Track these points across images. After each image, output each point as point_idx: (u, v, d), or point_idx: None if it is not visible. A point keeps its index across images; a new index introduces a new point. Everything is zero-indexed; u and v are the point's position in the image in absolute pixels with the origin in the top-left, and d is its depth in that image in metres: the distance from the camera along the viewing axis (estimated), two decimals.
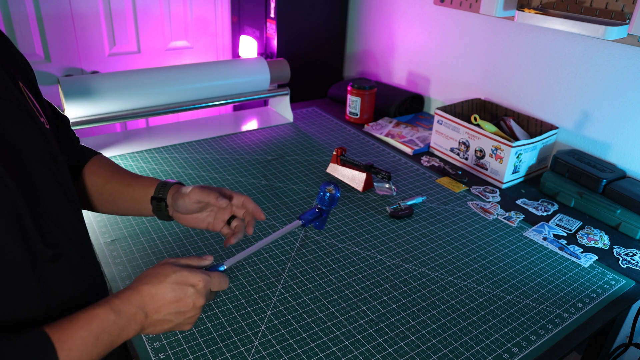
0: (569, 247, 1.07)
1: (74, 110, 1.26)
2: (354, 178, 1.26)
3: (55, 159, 0.61)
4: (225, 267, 0.67)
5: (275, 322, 0.83)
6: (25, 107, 0.57)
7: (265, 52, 1.91)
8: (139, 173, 1.24)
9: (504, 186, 1.30)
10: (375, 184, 1.26)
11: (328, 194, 0.75)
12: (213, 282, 0.62)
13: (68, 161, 0.72)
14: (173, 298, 0.59)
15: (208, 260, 0.65)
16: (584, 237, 1.11)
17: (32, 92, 0.64)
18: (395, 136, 1.54)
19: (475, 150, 1.34)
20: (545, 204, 1.24)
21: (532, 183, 1.34)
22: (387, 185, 1.23)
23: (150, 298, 0.58)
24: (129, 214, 0.81)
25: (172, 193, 0.74)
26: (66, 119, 0.79)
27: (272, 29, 1.84)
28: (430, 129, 1.58)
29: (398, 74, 1.89)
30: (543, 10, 1.27)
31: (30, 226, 0.54)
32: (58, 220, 0.59)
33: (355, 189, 1.25)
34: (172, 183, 0.77)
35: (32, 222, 0.54)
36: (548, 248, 1.07)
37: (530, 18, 1.21)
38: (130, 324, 0.56)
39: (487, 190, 1.29)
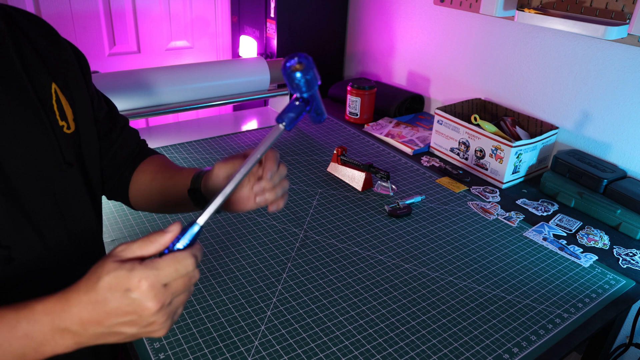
0: (569, 247, 1.07)
1: None
2: (354, 177, 1.26)
3: (60, 164, 0.60)
4: (200, 225, 0.49)
5: (275, 322, 0.83)
6: (36, 110, 0.58)
7: (265, 52, 1.91)
8: None
9: (504, 186, 1.30)
10: (375, 183, 1.26)
11: (297, 74, 0.51)
12: (163, 274, 0.44)
13: (118, 165, 0.75)
14: (112, 309, 0.44)
15: (171, 234, 0.47)
16: (584, 237, 1.11)
17: (67, 94, 0.63)
18: (395, 136, 1.54)
19: (475, 150, 1.34)
20: (545, 204, 1.24)
21: (532, 183, 1.34)
22: (386, 185, 1.23)
23: (79, 309, 0.44)
24: (179, 211, 0.75)
25: (205, 181, 0.64)
26: (121, 121, 0.76)
27: (272, 29, 1.84)
28: (430, 129, 1.58)
29: (398, 74, 1.89)
30: (543, 10, 1.27)
31: None
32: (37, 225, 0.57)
33: (355, 189, 1.25)
34: (205, 171, 0.65)
35: None
36: (548, 248, 1.07)
37: (530, 18, 1.21)
38: (52, 339, 0.45)
39: (487, 190, 1.29)
